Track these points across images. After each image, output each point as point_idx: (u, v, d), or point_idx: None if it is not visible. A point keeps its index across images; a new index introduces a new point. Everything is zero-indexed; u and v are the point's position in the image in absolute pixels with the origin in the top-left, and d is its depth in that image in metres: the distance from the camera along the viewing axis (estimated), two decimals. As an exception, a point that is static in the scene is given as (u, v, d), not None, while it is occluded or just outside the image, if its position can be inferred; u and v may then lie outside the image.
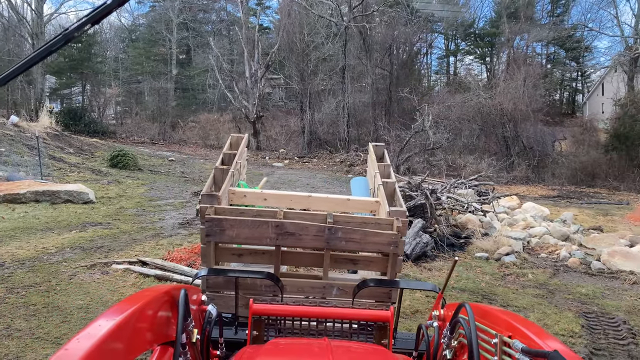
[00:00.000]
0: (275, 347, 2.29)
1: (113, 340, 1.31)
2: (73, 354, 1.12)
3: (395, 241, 3.69)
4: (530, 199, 19.48)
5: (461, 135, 30.18)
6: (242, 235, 3.68)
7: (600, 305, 7.06)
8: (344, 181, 23.66)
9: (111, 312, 1.46)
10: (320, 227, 3.71)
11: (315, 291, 3.92)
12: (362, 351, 2.33)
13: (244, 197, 4.60)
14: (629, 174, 28.71)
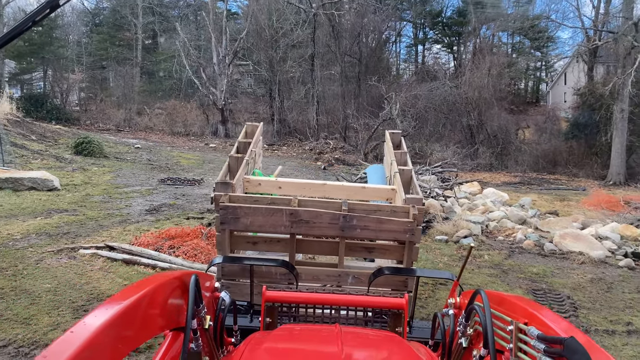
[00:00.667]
0: (284, 332, 2.28)
1: (121, 324, 1.29)
2: (79, 337, 1.10)
3: (412, 229, 3.64)
4: (493, 185, 20.14)
5: (427, 124, 30.71)
6: (257, 223, 3.67)
7: (549, 283, 7.52)
8: (313, 169, 23.89)
9: (121, 295, 1.44)
10: (334, 214, 3.68)
11: (330, 279, 3.91)
12: (373, 338, 2.30)
13: (259, 185, 4.61)
14: (587, 161, 29.83)
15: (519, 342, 1.74)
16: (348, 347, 1.88)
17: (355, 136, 31.25)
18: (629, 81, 22.78)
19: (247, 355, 1.83)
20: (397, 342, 2.19)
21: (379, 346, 2.14)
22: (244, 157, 4.53)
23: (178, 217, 10.46)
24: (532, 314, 1.73)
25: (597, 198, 16.47)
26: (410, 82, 35.70)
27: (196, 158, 23.71)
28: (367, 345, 2.13)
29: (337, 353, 1.80)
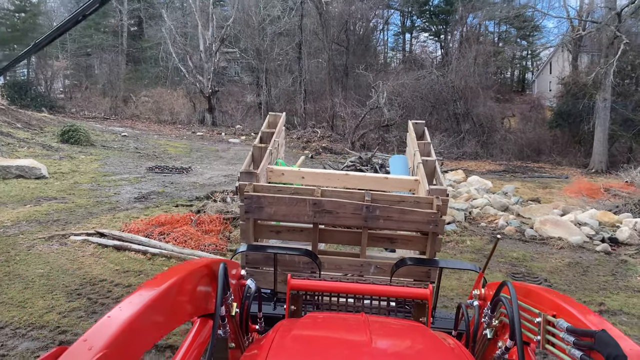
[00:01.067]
0: (311, 320, 2.30)
1: (154, 310, 1.33)
2: (116, 321, 1.16)
3: (435, 220, 3.65)
4: (477, 173, 20.45)
5: (414, 113, 30.94)
6: (280, 212, 3.70)
7: (528, 266, 7.80)
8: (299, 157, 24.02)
9: (152, 283, 1.48)
10: (358, 205, 3.70)
11: (352, 269, 3.94)
12: (400, 327, 2.30)
13: (282, 175, 4.62)
14: (571, 149, 30.33)
15: (546, 334, 1.73)
16: (376, 335, 1.88)
17: (342, 125, 31.40)
18: (611, 71, 23.15)
19: (277, 342, 1.85)
20: (425, 331, 2.18)
21: (406, 335, 2.14)
22: (268, 147, 4.55)
23: (167, 204, 10.58)
24: (561, 306, 1.72)
25: (578, 185, 16.86)
26: (398, 71, 35.88)
27: (184, 146, 23.72)
28: (395, 334, 2.14)
29: (366, 341, 1.81)
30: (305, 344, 1.94)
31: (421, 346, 1.99)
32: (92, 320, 4.84)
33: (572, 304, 1.72)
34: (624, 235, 9.72)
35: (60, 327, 4.68)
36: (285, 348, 1.84)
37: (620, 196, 14.85)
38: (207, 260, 1.89)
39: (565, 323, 1.60)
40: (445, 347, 1.90)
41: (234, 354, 2.11)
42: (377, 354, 1.79)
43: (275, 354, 1.73)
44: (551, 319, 1.71)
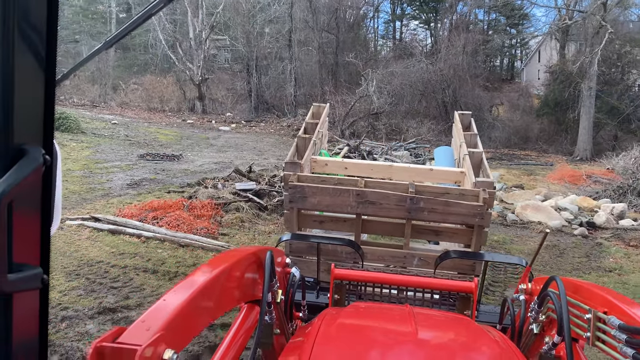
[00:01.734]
0: (356, 309, 2.32)
1: (205, 295, 1.37)
2: (171, 305, 1.21)
3: (481, 213, 3.60)
4: (464, 160, 20.82)
5: (403, 101, 31.19)
6: (324, 202, 3.77)
7: (507, 249, 8.16)
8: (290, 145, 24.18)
9: (203, 269, 1.52)
10: (401, 196, 3.69)
11: (395, 260, 3.96)
12: (445, 319, 2.29)
13: (326, 165, 4.69)
14: (557, 137, 30.79)
15: (596, 331, 1.69)
16: (421, 326, 1.87)
17: (332, 112, 31.56)
18: (595, 60, 23.52)
19: (324, 330, 1.87)
20: (470, 324, 2.16)
21: (452, 327, 2.12)
22: (312, 137, 4.60)
23: (159, 190, 10.81)
24: (613, 302, 1.66)
25: (561, 172, 17.29)
26: (387, 59, 36.02)
27: (174, 134, 23.84)
28: (441, 326, 2.14)
29: (411, 332, 1.81)
30: (351, 333, 1.97)
31: (467, 339, 1.98)
32: (91, 298, 5.11)
33: (624, 301, 1.67)
34: (601, 219, 10.12)
35: (62, 304, 4.94)
36: (332, 336, 1.87)
37: (601, 182, 15.30)
38: (255, 248, 1.94)
39: (617, 320, 1.54)
40: (492, 340, 1.88)
41: (278, 339, 2.15)
42: (423, 345, 1.81)
43: (322, 342, 1.75)
44: (602, 316, 1.66)
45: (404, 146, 18.73)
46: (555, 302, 1.85)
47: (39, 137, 0.77)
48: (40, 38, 0.75)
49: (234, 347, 1.61)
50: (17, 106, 0.71)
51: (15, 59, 0.69)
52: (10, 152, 0.71)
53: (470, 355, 1.81)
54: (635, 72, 31.12)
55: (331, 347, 1.77)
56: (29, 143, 0.74)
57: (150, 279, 5.77)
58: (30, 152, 0.73)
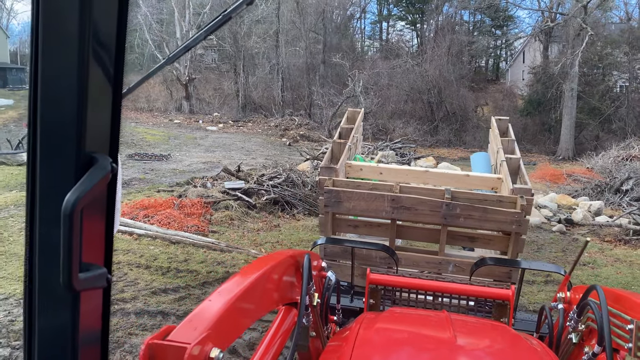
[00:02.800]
0: (394, 314, 2.32)
1: (247, 297, 1.40)
2: (216, 305, 1.25)
3: (519, 220, 3.55)
4: (449, 160, 21.18)
5: (390, 101, 31.53)
6: (359, 207, 3.77)
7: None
8: (278, 145, 24.42)
9: (244, 271, 1.54)
10: (437, 202, 3.67)
11: (430, 266, 3.94)
12: (483, 326, 2.26)
13: (360, 170, 4.69)
14: (540, 137, 31.33)
15: (639, 341, 1.66)
16: (459, 333, 1.85)
17: (319, 113, 31.81)
18: (576, 61, 24.05)
19: (363, 334, 1.87)
20: (509, 332, 2.13)
21: (490, 334, 2.09)
22: (347, 142, 4.63)
23: (149, 190, 10.96)
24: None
25: (543, 171, 17.72)
26: (374, 60, 36.36)
27: (161, 134, 23.90)
28: (479, 333, 2.11)
29: (450, 338, 1.79)
30: (389, 338, 1.95)
31: (507, 346, 1.96)
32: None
33: None
34: (579, 216, 10.48)
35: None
36: (371, 341, 1.86)
37: (580, 181, 15.73)
38: (292, 251, 1.96)
39: None
40: (532, 348, 1.85)
41: (314, 342, 2.16)
42: (462, 352, 1.78)
43: (361, 345, 1.75)
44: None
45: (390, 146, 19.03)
46: (595, 311, 1.82)
47: (107, 146, 0.81)
48: (110, 53, 0.81)
49: (272, 348, 1.63)
50: (89, 117, 0.76)
51: (89, 73, 0.75)
52: (82, 160, 0.75)
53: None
54: (616, 74, 31.80)
55: (370, 352, 1.77)
56: (98, 152, 0.78)
57: (144, 274, 5.96)
58: (100, 160, 0.77)
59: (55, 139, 0.75)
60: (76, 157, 0.75)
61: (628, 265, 7.63)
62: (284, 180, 10.64)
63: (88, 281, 0.75)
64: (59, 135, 0.75)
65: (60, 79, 0.74)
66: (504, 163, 4.31)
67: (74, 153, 0.75)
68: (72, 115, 0.74)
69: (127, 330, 4.42)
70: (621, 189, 12.46)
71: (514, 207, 3.64)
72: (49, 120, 0.75)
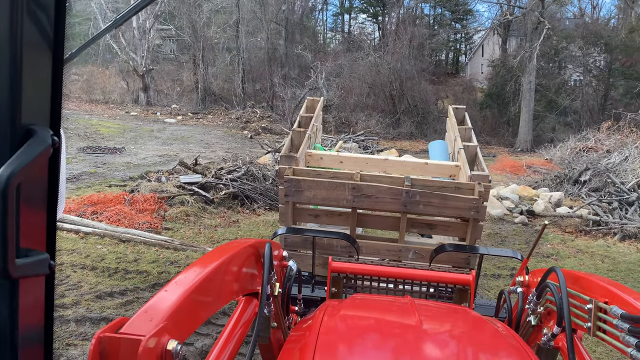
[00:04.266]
0: (357, 301, 2.27)
1: (206, 287, 1.35)
2: (172, 295, 1.20)
3: (477, 206, 3.62)
4: (411, 152, 21.17)
5: (352, 94, 31.40)
6: (319, 196, 3.72)
7: (452, 237, 8.35)
8: (239, 138, 23.90)
9: (202, 261, 1.50)
10: (397, 190, 3.68)
11: (390, 254, 3.93)
12: (447, 311, 2.27)
13: (321, 159, 4.63)
14: (500, 129, 31.88)
15: (597, 321, 1.69)
16: (425, 317, 1.84)
17: (282, 105, 31.38)
18: (534, 54, 24.45)
19: (327, 321, 1.83)
20: (473, 316, 2.14)
21: (455, 319, 2.10)
22: (307, 131, 4.56)
23: (99, 185, 10.38)
24: (614, 292, 1.67)
25: (503, 163, 17.89)
26: (336, 52, 36.14)
27: (117, 126, 23.01)
28: (444, 318, 2.11)
29: (416, 323, 1.78)
30: (354, 324, 1.95)
31: (472, 329, 1.97)
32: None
33: (625, 291, 1.67)
34: (540, 207, 10.53)
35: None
36: (336, 328, 1.84)
37: (540, 172, 15.94)
38: (253, 240, 1.92)
39: (619, 310, 1.55)
40: (497, 331, 1.87)
41: (275, 333, 2.15)
42: (429, 335, 1.79)
43: (326, 333, 1.71)
44: (603, 306, 1.66)
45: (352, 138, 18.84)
46: (555, 293, 1.85)
47: (47, 117, 0.75)
48: (49, 15, 0.73)
49: (232, 340, 1.59)
50: (26, 85, 0.68)
51: (24, 36, 0.67)
52: (18, 133, 0.68)
53: (478, 345, 1.79)
54: (571, 67, 32.66)
55: (335, 339, 1.74)
56: (37, 123, 0.71)
57: (89, 276, 5.50)
58: (39, 133, 0.70)
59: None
60: (10, 129, 0.67)
61: (590, 257, 7.63)
62: (243, 174, 10.25)
63: (27, 267, 0.69)
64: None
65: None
66: (461, 151, 4.30)
67: (8, 125, 0.67)
68: (4, 82, 0.67)
69: (65, 341, 3.98)
70: (580, 179, 12.63)
71: (472, 193, 3.68)
72: None
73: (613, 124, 18.71)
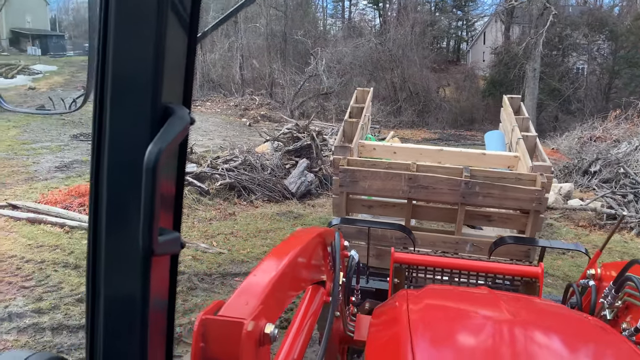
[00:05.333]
0: (435, 292, 2.19)
1: (286, 277, 1.34)
2: (263, 280, 1.19)
3: (539, 198, 3.55)
4: (413, 141, 20.76)
5: (353, 81, 30.87)
6: (375, 186, 3.68)
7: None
8: (238, 125, 23.42)
9: (278, 251, 1.47)
10: (456, 181, 3.62)
11: (447, 246, 3.85)
12: (531, 303, 2.15)
13: (374, 149, 4.58)
14: (502, 118, 31.45)
15: None
16: (511, 308, 1.75)
17: (281, 92, 30.83)
18: (540, 41, 23.92)
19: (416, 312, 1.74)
20: (562, 308, 2.06)
21: (545, 311, 1.99)
22: (359, 121, 4.51)
23: (90, 174, 9.94)
24: None
25: (508, 153, 17.43)
26: (337, 38, 35.52)
27: (113, 113, 22.48)
28: (532, 310, 1.98)
29: (506, 314, 1.68)
30: (447, 316, 1.84)
31: (565, 321, 1.86)
32: (-5, 301, 4.40)
33: None
34: (550, 199, 10.09)
35: (-42, 310, 4.22)
36: (428, 319, 1.76)
37: (546, 162, 15.47)
38: (320, 229, 1.89)
39: None
40: (588, 322, 1.78)
41: (336, 322, 2.12)
42: (524, 326, 1.66)
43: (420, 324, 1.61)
44: None
45: (353, 126, 18.39)
46: (638, 287, 1.76)
47: (181, 96, 0.76)
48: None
49: (304, 330, 1.57)
50: (166, 63, 0.69)
51: (168, 16, 0.68)
52: (158, 111, 0.69)
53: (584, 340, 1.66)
54: (575, 55, 32.10)
55: (431, 330, 1.65)
56: (174, 102, 0.72)
57: (71, 276, 5.07)
58: (178, 111, 0.71)
59: (129, 90, 0.70)
60: (151, 108, 0.69)
61: (607, 253, 7.22)
62: (241, 163, 9.81)
63: (165, 245, 0.71)
64: (134, 85, 0.70)
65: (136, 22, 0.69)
66: (520, 141, 4.22)
67: (150, 103, 0.69)
68: (147, 63, 0.69)
69: (37, 353, 3.58)
70: (589, 170, 12.20)
71: (534, 184, 3.61)
72: (121, 69, 0.69)
73: (621, 112, 18.23)
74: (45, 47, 38.14)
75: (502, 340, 1.55)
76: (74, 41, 42.37)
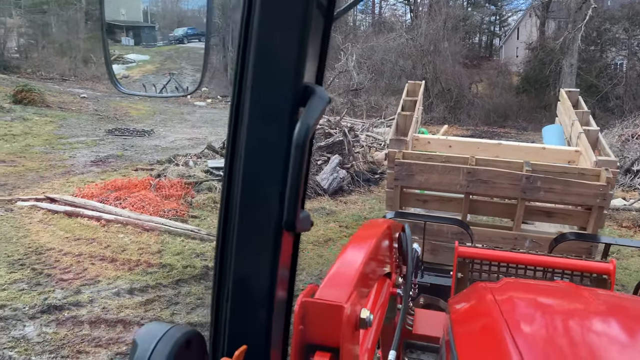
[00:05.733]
0: (516, 285, 2.11)
1: (368, 266, 1.33)
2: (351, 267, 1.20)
3: (604, 193, 3.45)
4: (446, 138, 20.41)
5: (383, 77, 30.56)
6: (431, 180, 3.63)
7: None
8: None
9: (356, 241, 1.47)
10: (517, 175, 3.54)
11: (505, 242, 3.75)
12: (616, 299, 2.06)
13: (428, 143, 4.55)
14: (537, 115, 30.65)
15: None
16: (602, 302, 1.69)
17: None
18: (578, 36, 23.23)
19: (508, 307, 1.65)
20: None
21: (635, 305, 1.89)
22: (413, 114, 4.45)
23: (126, 168, 10.09)
24: None
25: (545, 150, 17.00)
26: (367, 34, 35.23)
27: (147, 109, 22.85)
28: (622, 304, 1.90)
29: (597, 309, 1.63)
30: (538, 309, 1.74)
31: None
32: (35, 293, 4.46)
33: None
34: (590, 199, 9.76)
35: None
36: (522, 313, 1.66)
37: (585, 161, 15.02)
38: (389, 221, 1.89)
39: None
40: None
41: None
42: (624, 321, 1.57)
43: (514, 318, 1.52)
44: None
45: (385, 123, 18.18)
46: None
47: (317, 76, 0.79)
48: None
49: (375, 321, 1.51)
50: (308, 44, 0.71)
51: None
52: (299, 91, 0.71)
53: None
54: (614, 50, 31.06)
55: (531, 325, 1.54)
56: (311, 82, 0.74)
57: (107, 269, 5.13)
58: (317, 91, 0.72)
59: (273, 72, 0.72)
60: (294, 87, 0.72)
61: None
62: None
63: (302, 223, 0.73)
64: (277, 67, 0.72)
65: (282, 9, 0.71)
66: (581, 135, 4.11)
67: (292, 83, 0.72)
68: (291, 46, 0.71)
69: (76, 347, 3.59)
70: (632, 169, 11.76)
71: (597, 180, 3.49)
72: (265, 52, 0.72)
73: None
74: (138, 38, 40.15)
75: (607, 336, 1.46)
76: (162, 32, 43.92)
